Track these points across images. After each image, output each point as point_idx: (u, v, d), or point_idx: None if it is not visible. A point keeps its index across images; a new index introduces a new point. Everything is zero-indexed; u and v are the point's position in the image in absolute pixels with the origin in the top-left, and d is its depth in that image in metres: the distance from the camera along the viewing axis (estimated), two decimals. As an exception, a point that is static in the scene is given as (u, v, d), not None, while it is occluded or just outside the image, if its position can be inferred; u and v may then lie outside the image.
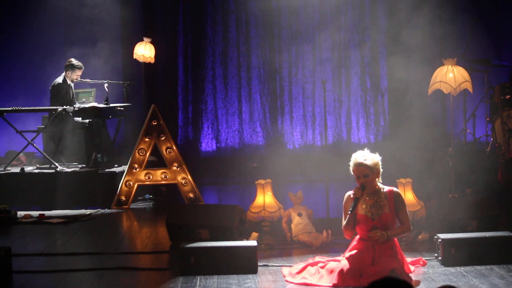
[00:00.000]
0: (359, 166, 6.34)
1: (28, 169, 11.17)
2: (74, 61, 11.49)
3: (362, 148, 6.56)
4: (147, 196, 11.12)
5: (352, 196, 6.31)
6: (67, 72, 11.44)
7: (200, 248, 6.94)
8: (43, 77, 12.49)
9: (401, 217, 6.35)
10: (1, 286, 6.67)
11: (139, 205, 10.86)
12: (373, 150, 6.54)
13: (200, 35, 14.04)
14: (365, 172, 6.32)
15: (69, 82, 11.45)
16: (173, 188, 11.03)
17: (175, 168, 10.68)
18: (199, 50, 14.06)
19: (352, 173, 6.42)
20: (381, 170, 6.40)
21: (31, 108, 11.41)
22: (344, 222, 6.36)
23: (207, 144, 14.07)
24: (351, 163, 6.40)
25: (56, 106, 11.15)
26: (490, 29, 13.60)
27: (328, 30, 13.67)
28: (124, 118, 12.12)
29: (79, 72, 11.50)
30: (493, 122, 11.03)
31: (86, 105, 11.29)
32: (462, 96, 11.72)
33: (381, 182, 6.45)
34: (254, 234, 7.91)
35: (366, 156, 6.37)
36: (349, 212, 6.25)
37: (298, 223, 8.07)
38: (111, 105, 11.40)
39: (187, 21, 14.07)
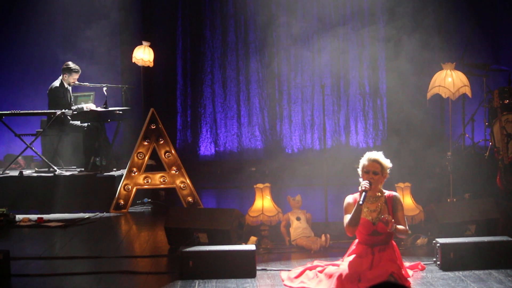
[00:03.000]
0: (373, 161, 6.36)
1: (27, 172, 11.17)
2: (71, 64, 11.48)
3: (360, 152, 6.57)
4: (145, 200, 11.11)
5: (361, 189, 6.25)
6: (64, 75, 11.44)
7: (198, 252, 6.94)
8: (42, 81, 12.49)
9: (399, 219, 6.33)
10: (-1, 289, 6.69)
11: (138, 209, 10.85)
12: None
13: (199, 39, 14.05)
14: (376, 169, 6.33)
15: (66, 85, 11.45)
16: (171, 192, 11.03)
17: (174, 172, 10.67)
18: (198, 54, 14.07)
19: (360, 170, 6.40)
20: (388, 176, 6.41)
21: (29, 111, 11.40)
22: (346, 220, 6.30)
23: (206, 148, 14.07)
24: (365, 158, 6.40)
25: (54, 109, 11.15)
26: (488, 33, 13.61)
27: (327, 34, 13.68)
28: (122, 121, 12.12)
29: (76, 76, 11.49)
30: (492, 127, 11.03)
31: (85, 108, 11.28)
32: (460, 101, 11.72)
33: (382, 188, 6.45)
34: (253, 238, 7.91)
35: (381, 156, 6.41)
36: (360, 203, 6.18)
37: (296, 227, 8.07)
38: (110, 108, 11.39)
39: (186, 25, 14.08)
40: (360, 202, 6.20)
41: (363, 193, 6.22)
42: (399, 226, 6.24)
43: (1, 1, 13.23)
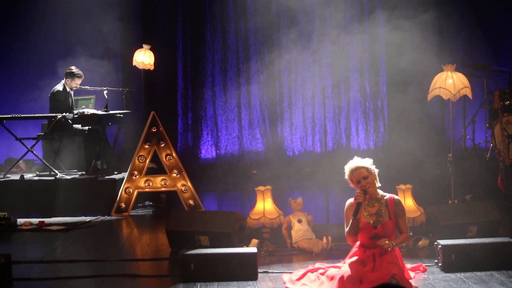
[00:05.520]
0: (356, 169, 6.34)
1: (28, 176, 11.16)
2: (74, 69, 11.48)
3: (361, 154, 6.56)
4: (147, 203, 11.11)
5: (354, 201, 6.29)
6: (67, 79, 11.43)
7: (200, 255, 6.94)
8: (42, 84, 12.48)
9: (401, 225, 6.35)
10: (1, 293, 6.69)
11: (139, 212, 10.85)
12: (372, 156, 6.54)
13: (199, 41, 14.05)
14: (363, 174, 6.32)
15: (68, 89, 11.45)
16: (173, 195, 11.03)
17: (175, 175, 10.67)
18: (199, 56, 14.08)
19: (350, 184, 6.41)
20: (376, 170, 6.40)
21: (30, 115, 11.40)
22: (346, 229, 6.36)
23: (207, 151, 14.07)
24: (347, 173, 6.38)
25: (55, 113, 11.14)
26: (489, 34, 13.61)
27: (327, 36, 13.67)
28: (123, 125, 12.12)
29: (78, 81, 11.48)
30: (493, 128, 11.03)
31: (86, 112, 11.27)
32: (461, 102, 11.72)
33: (380, 186, 6.45)
34: (254, 241, 7.91)
35: (358, 160, 6.40)
36: (352, 218, 6.25)
37: (298, 229, 8.07)
38: (111, 112, 11.39)
39: (187, 28, 14.09)
40: (352, 217, 6.25)
41: (357, 205, 6.25)
42: (396, 240, 6.28)
43: (1, 5, 13.24)
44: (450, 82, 9.57)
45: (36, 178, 11.01)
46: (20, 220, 9.94)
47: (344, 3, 13.88)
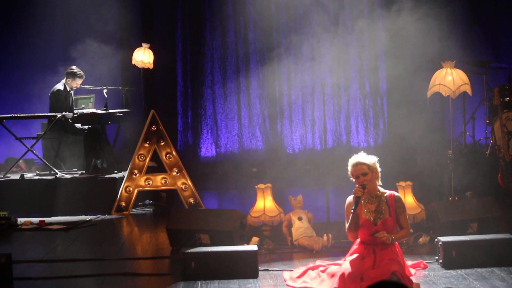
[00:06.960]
0: (357, 165, 6.34)
1: (28, 175, 11.16)
2: (75, 69, 11.45)
3: (361, 151, 6.55)
4: (147, 201, 11.11)
5: (353, 195, 6.29)
6: (68, 79, 11.41)
7: (200, 253, 6.94)
8: (42, 84, 12.49)
9: (401, 222, 6.35)
10: (2, 293, 6.70)
11: (139, 210, 10.85)
12: (372, 153, 6.54)
13: (198, 40, 14.05)
14: (363, 170, 6.31)
15: (68, 89, 11.43)
16: (173, 194, 11.03)
17: (175, 173, 10.67)
18: (198, 55, 14.07)
19: (351, 177, 6.41)
20: (379, 169, 6.39)
21: (30, 114, 11.40)
22: (347, 225, 6.36)
23: (207, 149, 14.08)
24: (349, 166, 6.39)
25: (55, 112, 11.14)
26: (488, 31, 13.61)
27: (327, 34, 13.67)
28: (123, 124, 12.12)
29: (79, 81, 11.46)
30: (493, 124, 11.04)
31: (85, 111, 11.28)
32: (461, 99, 11.72)
33: (381, 185, 6.45)
34: (255, 239, 7.91)
35: (362, 156, 6.39)
36: (352, 211, 6.24)
37: (298, 227, 8.07)
38: (111, 111, 11.39)
39: (186, 27, 14.08)
40: (352, 210, 6.24)
41: (356, 200, 6.25)
42: (396, 235, 6.27)
43: (1, 4, 13.24)
44: (450, 79, 9.57)
45: (36, 177, 11.01)
46: (21, 220, 9.94)
47: (344, 1, 13.87)
